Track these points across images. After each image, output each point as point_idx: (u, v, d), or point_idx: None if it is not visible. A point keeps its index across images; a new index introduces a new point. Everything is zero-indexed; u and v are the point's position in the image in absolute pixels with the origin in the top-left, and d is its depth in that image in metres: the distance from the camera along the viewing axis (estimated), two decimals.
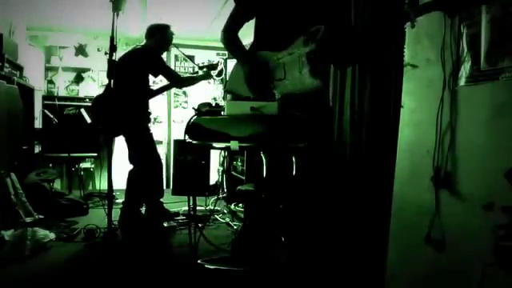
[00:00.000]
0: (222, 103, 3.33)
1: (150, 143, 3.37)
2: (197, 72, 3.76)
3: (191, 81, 3.63)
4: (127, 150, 3.30)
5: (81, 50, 5.69)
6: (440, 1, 1.50)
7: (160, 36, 3.37)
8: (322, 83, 1.80)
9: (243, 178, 4.00)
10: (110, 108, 2.99)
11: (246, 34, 2.15)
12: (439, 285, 1.54)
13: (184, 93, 6.04)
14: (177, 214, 3.68)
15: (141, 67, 3.24)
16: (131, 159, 3.28)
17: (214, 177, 4.85)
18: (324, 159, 2.10)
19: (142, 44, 3.42)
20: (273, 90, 1.88)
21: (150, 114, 3.46)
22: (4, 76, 3.42)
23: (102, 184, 5.30)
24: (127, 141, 3.29)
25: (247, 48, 2.11)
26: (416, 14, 1.54)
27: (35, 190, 3.50)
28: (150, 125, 3.44)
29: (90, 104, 4.75)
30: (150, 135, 3.40)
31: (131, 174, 3.28)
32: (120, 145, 4.11)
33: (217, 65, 3.52)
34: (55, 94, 5.32)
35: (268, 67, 1.89)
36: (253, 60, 1.95)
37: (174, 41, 3.59)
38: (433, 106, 1.57)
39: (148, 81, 3.37)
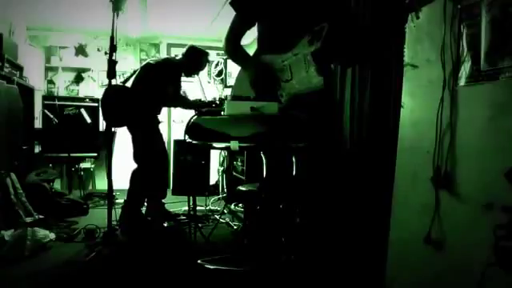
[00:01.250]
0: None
1: (157, 144, 3.39)
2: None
3: (187, 104, 3.63)
4: (132, 148, 3.31)
5: (81, 50, 5.69)
6: None
7: (193, 58, 3.48)
8: (328, 81, 1.80)
9: (243, 177, 4.00)
10: (124, 99, 3.04)
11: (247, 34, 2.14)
12: (439, 285, 1.54)
13: (184, 93, 6.04)
14: (177, 214, 3.68)
15: (165, 76, 3.34)
16: (136, 158, 3.29)
17: (214, 177, 4.85)
18: (324, 159, 2.10)
19: (178, 58, 3.54)
20: (279, 91, 1.87)
21: (158, 118, 3.50)
22: (4, 76, 3.42)
23: (102, 184, 5.31)
24: (133, 138, 3.29)
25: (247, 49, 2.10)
26: (420, 3, 1.54)
27: (35, 189, 3.50)
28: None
29: (90, 104, 4.78)
30: (158, 136, 3.43)
31: (134, 174, 3.29)
32: (120, 145, 4.11)
33: (214, 103, 3.55)
34: (55, 94, 5.32)
35: (273, 70, 1.89)
36: (257, 64, 1.94)
37: (174, 41, 3.62)
38: (433, 105, 1.57)
39: (167, 90, 3.43)
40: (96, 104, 4.76)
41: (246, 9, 2.01)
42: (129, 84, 3.29)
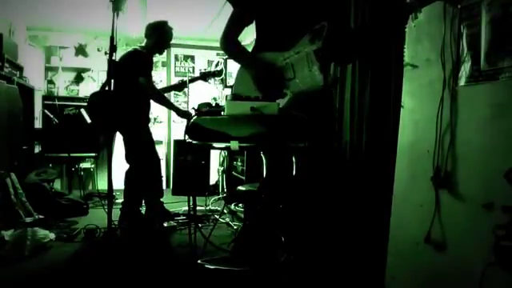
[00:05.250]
0: (222, 103, 3.34)
1: (148, 144, 3.35)
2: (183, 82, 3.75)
3: (164, 101, 3.49)
4: (124, 149, 3.29)
5: (81, 50, 5.69)
6: None
7: (158, 34, 3.36)
8: (330, 80, 1.80)
9: (243, 177, 4.00)
10: (108, 104, 2.99)
11: (246, 34, 2.14)
12: (439, 285, 1.54)
13: (184, 93, 6.05)
14: (177, 214, 3.68)
15: (133, 68, 3.21)
16: (127, 158, 3.28)
17: (214, 177, 4.85)
18: (324, 159, 2.09)
19: (143, 44, 3.41)
20: (284, 89, 1.87)
21: (147, 115, 3.42)
22: (4, 76, 3.42)
23: (102, 184, 5.31)
24: (124, 139, 3.28)
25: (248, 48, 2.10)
26: (420, 3, 1.54)
27: (35, 190, 3.50)
28: (149, 125, 3.43)
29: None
30: (148, 136, 3.39)
31: (127, 174, 3.28)
32: (120, 145, 4.12)
33: (219, 72, 3.53)
34: (55, 94, 5.32)
35: (276, 68, 1.89)
36: (259, 62, 1.93)
37: (174, 41, 3.59)
38: (433, 106, 1.57)
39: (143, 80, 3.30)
40: None
41: (244, 5, 2.00)
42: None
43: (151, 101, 3.42)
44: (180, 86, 3.74)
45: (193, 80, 3.75)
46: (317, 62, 1.74)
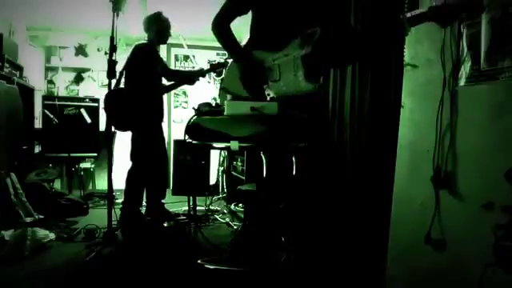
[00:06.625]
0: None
1: (155, 143, 3.35)
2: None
3: (184, 76, 3.62)
4: (130, 147, 3.28)
5: (81, 50, 5.69)
6: (432, 13, 1.49)
7: (157, 24, 3.37)
8: (317, 86, 1.78)
9: (243, 177, 4.00)
10: (123, 103, 3.01)
11: (242, 32, 2.13)
12: (439, 285, 1.54)
13: (184, 93, 6.05)
14: (177, 214, 3.68)
15: (139, 63, 3.21)
16: (132, 156, 3.27)
17: (214, 177, 4.85)
18: (324, 159, 2.10)
19: (146, 39, 3.42)
20: (267, 90, 1.87)
21: (159, 113, 3.41)
22: (4, 76, 3.42)
23: (102, 184, 5.31)
24: (132, 137, 3.27)
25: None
26: (410, 23, 1.55)
27: (35, 190, 3.50)
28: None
29: (90, 104, 4.78)
30: (158, 135, 3.39)
31: (129, 173, 3.28)
32: (120, 145, 4.12)
33: (222, 64, 3.51)
34: (55, 94, 5.32)
35: (263, 67, 1.88)
36: (247, 57, 1.93)
37: (174, 41, 3.58)
38: (433, 106, 1.57)
39: (154, 76, 3.32)
40: (96, 104, 4.75)
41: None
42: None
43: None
44: (196, 75, 3.58)
45: (206, 72, 3.65)
46: (302, 68, 1.73)
